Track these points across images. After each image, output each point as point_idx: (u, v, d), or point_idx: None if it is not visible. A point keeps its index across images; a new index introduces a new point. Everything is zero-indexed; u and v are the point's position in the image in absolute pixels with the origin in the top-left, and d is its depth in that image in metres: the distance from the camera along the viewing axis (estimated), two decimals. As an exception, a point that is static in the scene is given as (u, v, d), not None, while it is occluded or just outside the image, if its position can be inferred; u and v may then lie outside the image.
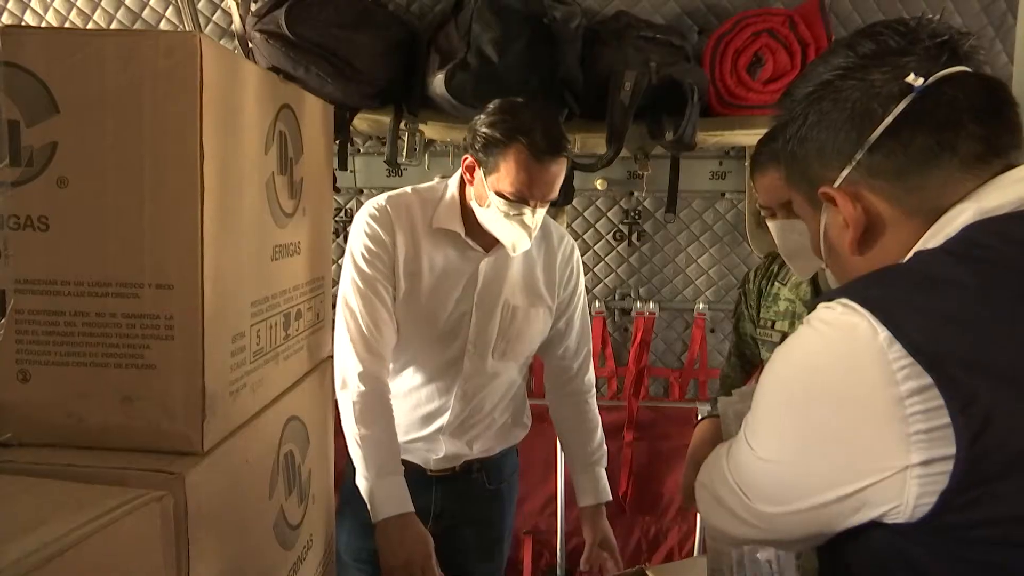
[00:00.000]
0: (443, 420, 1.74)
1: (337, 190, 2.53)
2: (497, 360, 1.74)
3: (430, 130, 2.27)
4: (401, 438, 1.63)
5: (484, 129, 1.54)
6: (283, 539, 0.97)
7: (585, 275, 2.77)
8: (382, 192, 1.70)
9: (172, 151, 0.70)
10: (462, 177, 1.68)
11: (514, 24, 1.90)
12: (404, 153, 2.25)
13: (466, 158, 1.60)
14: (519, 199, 1.52)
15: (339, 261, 1.73)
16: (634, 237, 2.76)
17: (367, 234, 1.62)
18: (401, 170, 2.53)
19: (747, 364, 1.82)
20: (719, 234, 2.74)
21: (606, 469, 1.84)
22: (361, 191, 2.71)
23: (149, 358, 0.73)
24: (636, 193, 2.68)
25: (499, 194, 1.53)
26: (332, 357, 1.23)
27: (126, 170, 0.70)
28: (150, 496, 0.60)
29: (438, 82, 1.90)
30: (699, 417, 2.80)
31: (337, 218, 2.72)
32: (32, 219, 0.72)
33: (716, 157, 2.61)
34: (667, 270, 2.81)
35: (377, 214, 1.63)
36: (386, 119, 2.17)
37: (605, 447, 1.84)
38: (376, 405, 1.59)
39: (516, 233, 1.57)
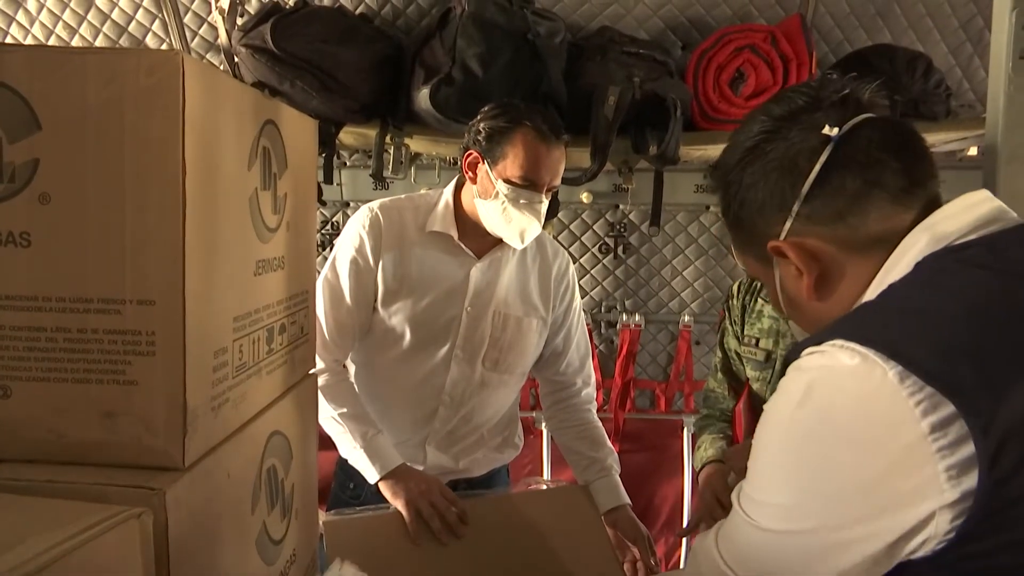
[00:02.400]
0: (429, 428, 1.74)
1: (323, 203, 2.55)
2: (488, 370, 1.75)
3: (416, 144, 2.28)
4: None
5: (487, 122, 1.59)
6: (266, 554, 0.97)
7: (571, 288, 2.79)
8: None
9: (154, 168, 0.71)
10: (458, 182, 1.70)
11: (498, 39, 1.92)
12: (390, 167, 2.27)
13: (468, 155, 1.63)
14: (528, 183, 1.56)
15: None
16: (620, 250, 2.78)
17: (354, 245, 1.66)
18: (387, 183, 2.54)
19: (733, 380, 1.83)
20: (704, 247, 2.76)
21: None
22: (348, 204, 2.72)
23: (131, 374, 0.73)
24: (621, 206, 2.71)
25: (508, 181, 1.56)
26: (315, 372, 1.23)
27: (108, 187, 0.71)
28: (130, 512, 0.60)
29: (423, 96, 1.92)
30: (683, 429, 2.83)
31: (323, 231, 2.73)
32: (14, 235, 0.72)
33: (700, 170, 2.64)
34: (653, 282, 2.83)
35: (368, 222, 1.66)
36: (372, 133, 2.18)
37: (615, 453, 1.84)
38: (343, 385, 1.68)
39: (525, 220, 1.59)
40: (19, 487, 0.69)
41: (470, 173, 1.64)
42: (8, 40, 2.49)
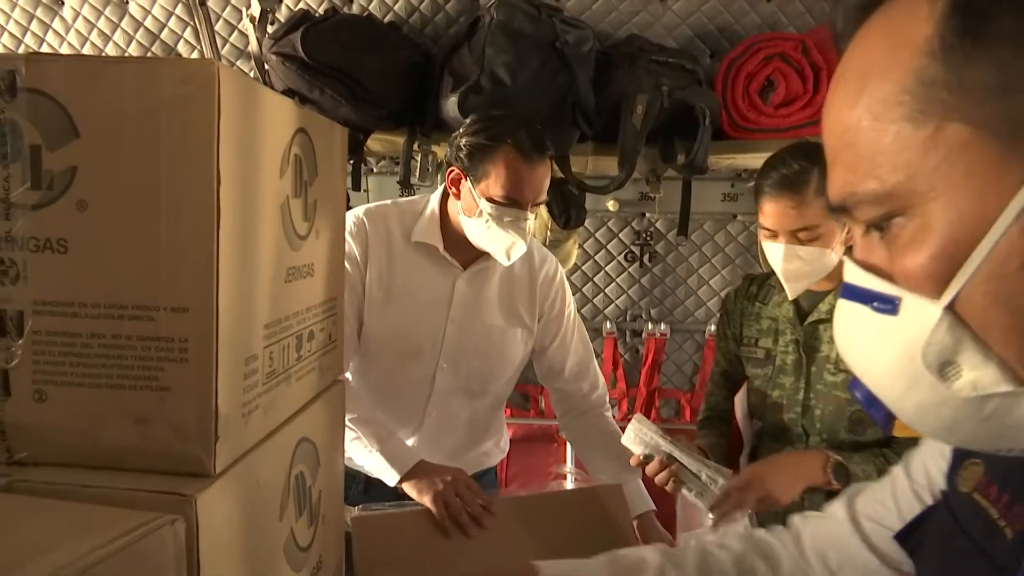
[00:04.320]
0: (416, 437, 1.74)
1: (350, 209, 2.56)
2: (473, 381, 1.75)
3: (443, 151, 2.29)
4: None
5: (468, 138, 1.56)
6: (293, 561, 0.97)
7: (596, 296, 2.79)
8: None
9: (189, 176, 0.71)
10: (444, 192, 1.68)
11: (527, 48, 1.92)
12: (417, 174, 2.27)
13: (451, 171, 1.61)
14: (511, 202, 1.54)
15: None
16: (646, 258, 2.77)
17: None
18: (414, 190, 2.55)
19: (730, 382, 1.87)
20: (731, 256, 2.74)
21: None
22: (374, 211, 2.72)
23: (163, 380, 0.74)
24: (648, 214, 2.70)
25: (490, 200, 1.54)
26: (343, 378, 1.24)
27: (144, 194, 0.71)
28: (164, 519, 0.60)
29: (451, 104, 1.92)
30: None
31: (350, 237, 2.74)
32: (51, 242, 0.73)
33: (728, 179, 2.62)
34: (679, 291, 2.81)
35: (354, 229, 1.66)
36: (399, 140, 2.19)
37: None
38: (351, 392, 1.63)
39: (509, 239, 1.57)
40: (54, 491, 0.70)
41: (454, 189, 1.63)
42: (44, 47, 2.53)
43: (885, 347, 0.49)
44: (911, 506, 0.85)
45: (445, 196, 1.71)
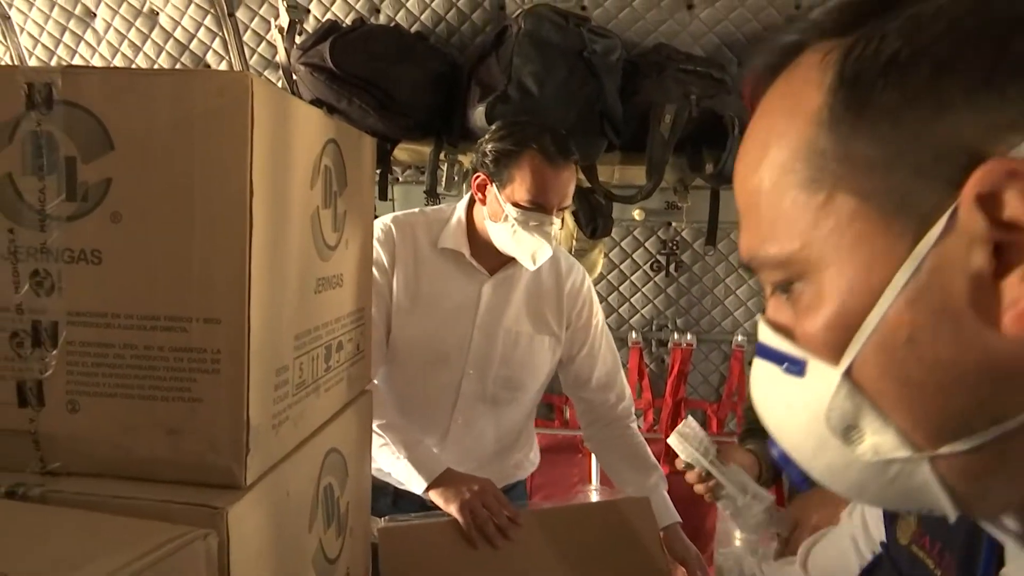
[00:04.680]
0: (442, 446, 1.74)
1: (376, 218, 2.56)
2: (499, 388, 1.74)
3: (469, 161, 2.29)
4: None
5: (494, 144, 1.57)
6: (321, 573, 0.97)
7: (621, 306, 2.78)
8: (422, 222, 1.73)
9: (222, 187, 0.71)
10: (471, 199, 1.69)
11: (554, 57, 1.92)
12: (443, 183, 2.27)
13: (477, 176, 1.62)
14: (536, 206, 1.54)
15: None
16: (672, 268, 2.75)
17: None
18: (440, 199, 2.56)
19: None
20: (758, 266, 2.71)
21: None
22: (400, 220, 2.73)
23: (195, 392, 0.74)
24: (674, 224, 2.68)
25: (516, 205, 1.55)
26: (371, 388, 1.24)
27: (177, 206, 0.72)
28: (196, 533, 0.60)
29: (479, 114, 1.92)
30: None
31: (376, 246, 2.75)
32: (86, 253, 0.73)
33: (756, 188, 2.59)
34: (705, 301, 2.79)
35: (382, 236, 1.67)
36: (426, 150, 2.20)
37: (661, 469, 1.81)
38: (377, 399, 1.63)
39: (535, 243, 1.58)
40: (86, 502, 0.70)
41: (479, 194, 1.64)
42: (77, 58, 2.57)
43: (794, 408, 0.49)
44: (860, 559, 0.86)
45: (471, 204, 1.71)
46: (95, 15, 2.49)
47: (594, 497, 2.65)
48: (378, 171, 2.24)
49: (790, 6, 2.20)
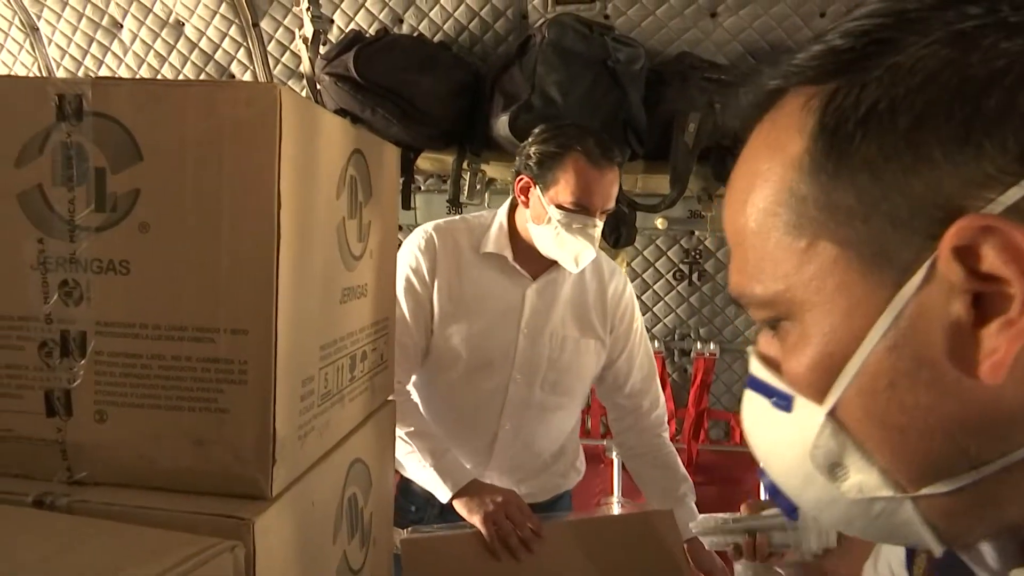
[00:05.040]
0: (490, 454, 1.73)
1: (399, 228, 2.57)
2: (547, 393, 1.73)
3: (492, 170, 2.29)
4: None
5: (537, 146, 1.58)
6: (345, 584, 0.97)
7: (644, 314, 2.76)
8: (442, 230, 1.73)
9: (250, 199, 0.71)
10: (511, 203, 1.69)
11: (578, 66, 1.92)
12: (466, 192, 2.28)
13: (520, 179, 1.62)
14: (580, 208, 1.54)
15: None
16: (695, 276, 2.73)
17: (411, 266, 1.67)
18: (462, 208, 2.56)
19: None
20: (782, 275, 2.68)
21: None
22: (422, 228, 2.73)
23: (222, 402, 0.73)
24: (697, 232, 2.66)
25: (559, 206, 1.55)
26: (394, 398, 1.23)
27: (205, 217, 0.72)
28: (224, 545, 0.60)
29: (502, 123, 1.92)
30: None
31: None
32: (114, 263, 0.73)
33: (780, 197, 2.57)
34: (728, 311, 2.77)
35: (423, 244, 1.68)
36: (449, 159, 2.20)
37: (690, 480, 1.79)
38: (408, 404, 1.66)
39: (578, 245, 1.58)
40: (112, 512, 0.70)
41: (522, 197, 1.64)
42: (103, 68, 2.60)
43: (782, 442, 0.50)
44: None
45: (513, 208, 1.71)
46: (122, 26, 2.52)
47: (616, 508, 2.63)
48: (401, 180, 2.25)
49: (815, 14, 2.18)
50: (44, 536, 0.61)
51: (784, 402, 0.49)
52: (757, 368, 0.52)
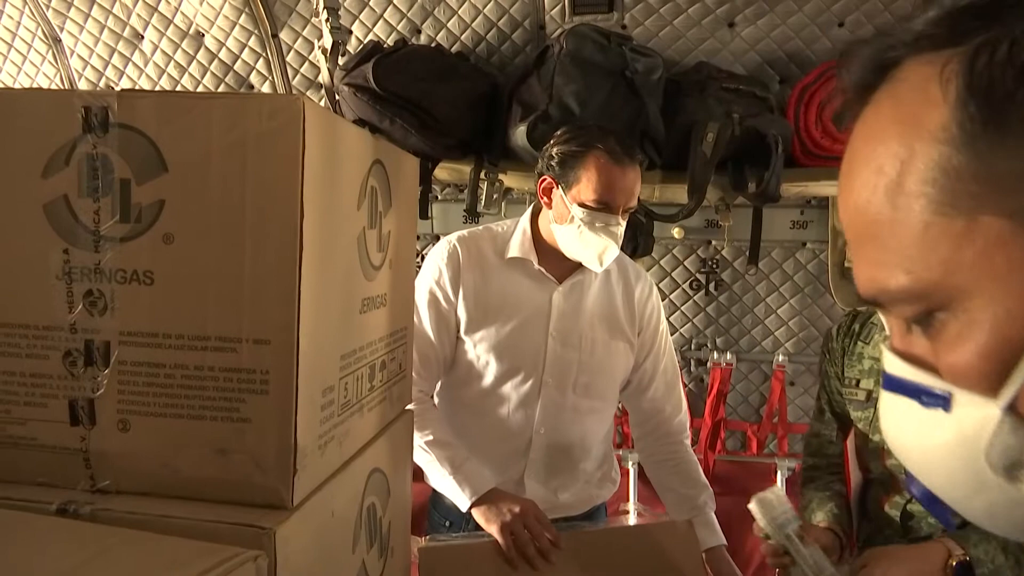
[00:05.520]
0: (526, 460, 1.72)
1: (416, 237, 2.58)
2: (579, 396, 1.72)
3: (509, 179, 2.30)
4: None
5: (559, 147, 1.60)
6: (364, 593, 0.97)
7: (661, 324, 2.75)
8: (458, 239, 1.73)
9: (273, 210, 0.72)
10: (534, 209, 1.69)
11: (596, 77, 1.92)
12: (483, 201, 2.28)
13: (543, 180, 1.63)
14: (603, 206, 1.55)
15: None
16: (712, 286, 2.72)
17: (433, 277, 1.68)
18: (479, 218, 2.56)
19: (840, 421, 1.77)
20: (800, 284, 2.68)
21: None
22: (438, 237, 2.74)
23: (244, 412, 0.74)
24: (714, 242, 2.66)
25: (582, 205, 1.56)
26: (412, 408, 1.24)
27: (229, 228, 0.72)
28: (247, 555, 0.60)
29: (520, 133, 1.93)
30: (777, 473, 2.74)
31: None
32: (138, 273, 0.74)
33: (797, 206, 2.57)
34: (745, 320, 2.76)
35: (446, 254, 1.69)
36: (466, 168, 2.21)
37: (711, 489, 1.78)
38: (429, 413, 1.65)
39: (602, 243, 1.58)
40: (135, 520, 0.70)
41: (545, 199, 1.65)
42: (124, 79, 2.63)
43: (941, 446, 0.45)
44: None
45: (535, 215, 1.72)
46: (143, 37, 2.55)
47: (633, 516, 2.62)
48: (419, 189, 2.26)
49: (833, 23, 2.18)
50: (69, 545, 0.61)
51: (939, 401, 0.44)
52: (898, 367, 0.47)
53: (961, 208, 0.40)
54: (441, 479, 1.57)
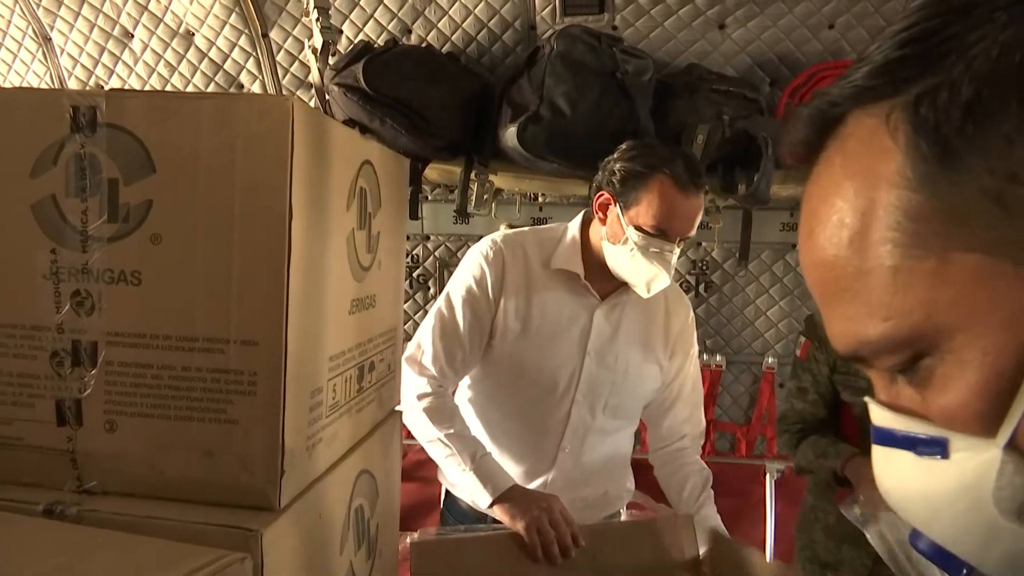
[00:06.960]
0: (548, 475, 1.70)
1: (406, 238, 2.58)
2: (608, 417, 1.69)
3: (499, 180, 2.29)
4: None
5: (623, 164, 1.52)
6: (351, 595, 0.97)
7: (651, 326, 2.75)
8: (448, 238, 1.71)
9: (262, 210, 0.72)
10: (585, 217, 1.65)
11: (587, 78, 1.92)
12: (473, 202, 2.28)
13: (600, 195, 1.57)
14: (659, 233, 1.49)
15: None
16: (702, 288, 2.73)
17: (474, 276, 1.62)
18: (469, 219, 2.56)
19: (827, 403, 1.78)
20: (789, 286, 2.68)
21: None
22: (428, 237, 2.74)
23: (231, 413, 0.74)
24: (704, 243, 2.66)
25: (638, 228, 1.49)
26: (400, 409, 1.23)
27: (217, 229, 0.72)
28: (232, 558, 0.60)
29: (510, 134, 1.92)
30: (766, 475, 2.75)
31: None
32: (126, 274, 0.74)
33: (787, 208, 2.57)
34: (735, 322, 2.76)
35: (491, 255, 1.62)
36: (456, 169, 2.20)
37: (711, 490, 1.76)
38: (449, 407, 1.60)
39: (652, 271, 1.52)
40: (121, 522, 0.70)
41: (600, 214, 1.58)
42: (114, 78, 2.61)
43: (944, 496, 0.43)
44: None
45: (585, 223, 1.67)
46: (132, 36, 2.54)
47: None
48: (409, 190, 2.25)
49: (823, 26, 2.19)
50: (56, 546, 0.61)
51: (936, 448, 0.43)
52: (886, 418, 0.46)
53: (930, 248, 0.39)
54: (460, 474, 1.53)
